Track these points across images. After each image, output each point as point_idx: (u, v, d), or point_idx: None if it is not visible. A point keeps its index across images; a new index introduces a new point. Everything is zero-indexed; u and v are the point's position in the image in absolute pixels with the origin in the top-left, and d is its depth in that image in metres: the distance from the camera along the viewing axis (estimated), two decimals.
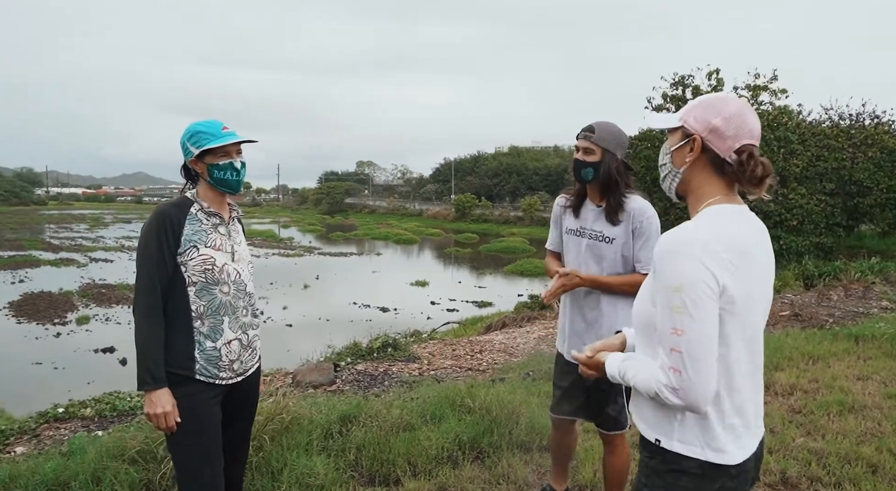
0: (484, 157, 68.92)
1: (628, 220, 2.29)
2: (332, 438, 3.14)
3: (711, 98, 1.35)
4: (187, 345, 1.90)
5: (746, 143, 1.31)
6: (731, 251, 1.22)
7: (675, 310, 1.20)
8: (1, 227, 36.54)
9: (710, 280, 1.19)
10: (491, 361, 5.54)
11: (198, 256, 1.89)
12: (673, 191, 1.42)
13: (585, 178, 2.29)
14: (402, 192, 76.12)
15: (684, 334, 1.19)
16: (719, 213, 1.30)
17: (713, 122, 1.31)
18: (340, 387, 4.71)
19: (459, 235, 38.84)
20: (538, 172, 58.18)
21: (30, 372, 9.23)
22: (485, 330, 8.69)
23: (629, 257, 2.30)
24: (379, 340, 5.73)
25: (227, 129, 1.98)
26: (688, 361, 1.19)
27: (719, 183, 1.33)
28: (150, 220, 1.90)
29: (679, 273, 1.21)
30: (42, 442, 3.54)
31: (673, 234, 1.26)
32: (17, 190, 71.80)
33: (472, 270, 24.16)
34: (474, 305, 15.55)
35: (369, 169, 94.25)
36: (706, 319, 1.19)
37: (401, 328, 10.62)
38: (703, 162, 1.33)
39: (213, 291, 1.92)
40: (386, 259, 27.33)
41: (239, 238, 2.08)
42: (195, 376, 1.90)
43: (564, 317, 2.46)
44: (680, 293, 1.20)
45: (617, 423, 2.37)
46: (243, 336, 2.01)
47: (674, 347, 1.21)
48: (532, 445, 3.27)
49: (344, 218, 55.67)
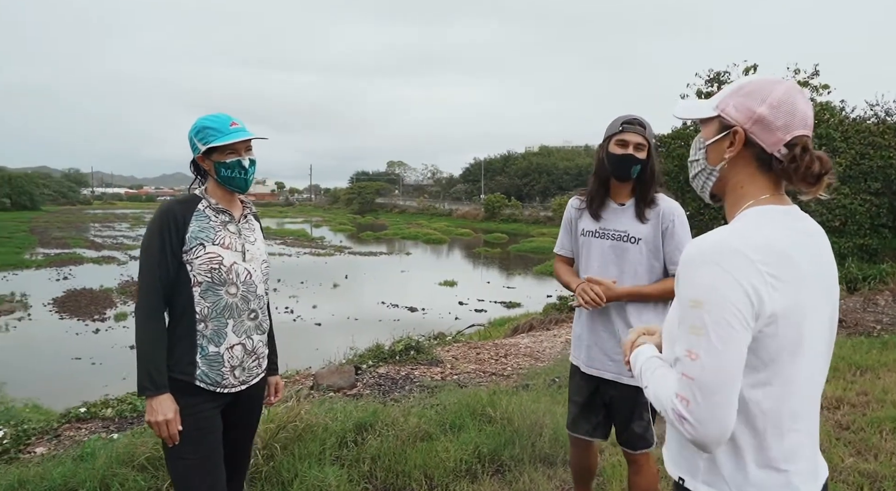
0: (514, 156, 68.47)
1: (657, 220, 2.14)
2: (347, 447, 3.04)
3: (754, 81, 1.13)
4: (190, 348, 1.81)
5: (799, 134, 1.08)
6: (772, 261, 1.01)
7: (692, 329, 1.02)
8: (49, 225, 37.96)
9: (741, 298, 0.99)
10: (516, 366, 5.37)
11: (204, 254, 1.80)
12: (707, 191, 1.21)
13: (632, 175, 2.14)
14: (432, 191, 76.21)
15: (699, 359, 1.00)
16: (761, 216, 1.09)
17: (758, 111, 1.09)
18: (361, 390, 4.61)
19: (489, 235, 38.60)
20: (569, 172, 57.43)
21: (69, 367, 9.49)
22: (511, 332, 8.51)
23: (655, 260, 2.14)
24: (401, 342, 5.62)
25: (235, 124, 1.87)
26: (698, 391, 1.00)
27: (764, 181, 1.12)
28: (154, 217, 1.82)
29: (700, 286, 1.01)
30: (62, 442, 3.55)
31: (700, 240, 1.07)
32: (65, 190, 74.73)
33: (501, 271, 23.94)
34: (502, 306, 15.36)
35: (400, 169, 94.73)
36: (729, 345, 0.99)
37: (428, 328, 10.53)
38: (746, 158, 1.12)
39: (219, 292, 1.82)
40: (415, 259, 27.33)
41: (253, 236, 1.97)
42: (195, 382, 1.81)
43: (581, 326, 2.28)
44: (699, 310, 1.01)
45: (643, 440, 2.19)
46: (247, 341, 1.90)
47: (685, 372, 1.02)
48: (556, 459, 3.11)
49: (374, 218, 56.01)
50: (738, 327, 0.99)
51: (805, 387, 1.08)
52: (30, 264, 21.12)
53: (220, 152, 1.84)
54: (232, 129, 1.85)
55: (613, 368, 2.16)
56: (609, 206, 2.22)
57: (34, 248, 26.15)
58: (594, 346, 2.20)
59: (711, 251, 1.03)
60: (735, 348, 0.99)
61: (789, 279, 1.02)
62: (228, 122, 1.86)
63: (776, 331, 1.02)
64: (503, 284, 19.60)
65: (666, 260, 2.15)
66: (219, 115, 1.88)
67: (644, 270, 2.14)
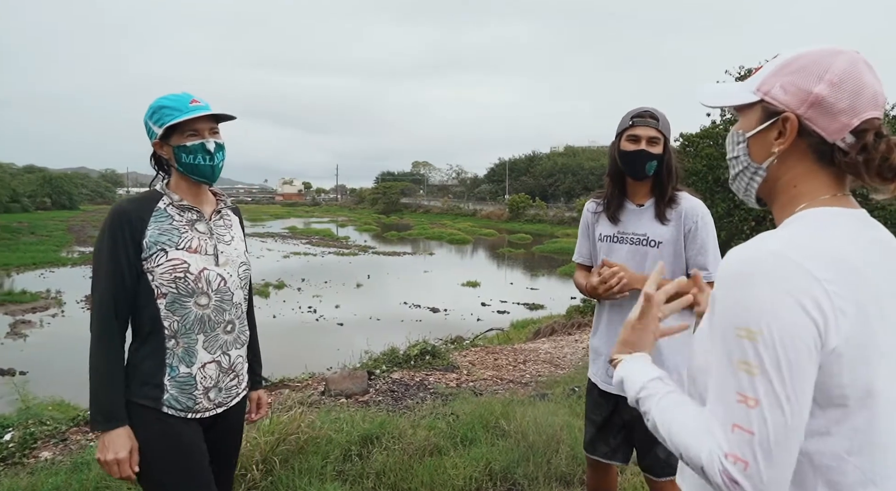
0: (539, 157, 67.94)
1: (679, 221, 1.94)
2: (351, 461, 2.89)
3: (807, 53, 0.89)
4: (157, 369, 1.55)
5: (869, 116, 0.85)
6: (839, 279, 0.79)
7: (744, 366, 0.78)
8: (86, 224, 39.03)
9: (807, 326, 0.77)
10: (535, 373, 5.17)
11: (166, 261, 1.54)
12: (753, 194, 0.98)
13: (648, 172, 1.95)
14: (457, 192, 76.11)
15: (758, 408, 0.77)
16: (822, 220, 0.87)
17: (815, 91, 0.86)
18: (373, 397, 4.48)
19: (513, 236, 38.30)
20: (594, 172, 56.61)
21: None
22: (533, 336, 8.30)
23: (677, 265, 1.95)
24: (417, 346, 5.47)
25: (196, 102, 1.60)
26: (759, 450, 0.76)
27: (825, 177, 0.90)
28: (105, 222, 1.55)
29: (752, 311, 0.79)
30: (68, 447, 3.49)
31: (745, 251, 0.84)
32: (102, 190, 77.00)
33: (525, 272, 23.67)
34: (525, 307, 15.15)
35: (424, 169, 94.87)
36: (798, 389, 0.77)
37: (449, 329, 10.40)
38: (801, 150, 0.90)
39: (187, 304, 1.56)
40: (438, 259, 27.22)
41: (228, 235, 1.70)
42: (161, 409, 1.54)
43: (599, 338, 2.09)
44: (754, 341, 0.78)
45: (667, 467, 1.98)
46: (223, 357, 1.64)
47: (739, 424, 0.78)
48: (573, 479, 2.91)
49: (399, 217, 56.16)
50: (806, 365, 0.77)
51: (881, 439, 0.83)
52: (66, 262, 21.70)
53: (180, 134, 1.58)
54: (192, 107, 1.58)
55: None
56: (627, 208, 2.04)
57: (71, 246, 26.89)
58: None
59: (763, 265, 0.80)
60: (803, 392, 0.77)
61: (861, 302, 0.80)
62: (188, 99, 1.60)
63: (840, 369, 0.79)
64: (526, 286, 19.35)
65: (688, 264, 1.96)
66: (178, 93, 1.62)
67: (668, 276, 1.95)
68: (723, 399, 0.81)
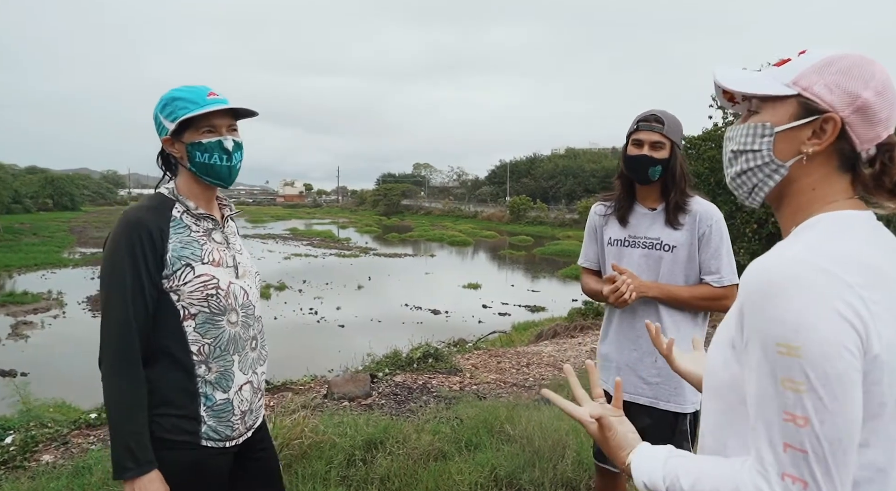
0: (540, 158, 67.98)
1: (692, 225, 1.92)
2: (355, 466, 2.86)
3: (848, 56, 0.87)
4: (190, 401, 1.39)
5: (893, 131, 0.86)
6: (871, 284, 0.77)
7: (788, 384, 0.75)
8: (88, 225, 39.07)
9: (850, 336, 0.74)
10: (538, 377, 5.14)
11: (194, 277, 1.37)
12: (763, 193, 0.93)
13: (652, 177, 1.92)
14: (458, 193, 76.10)
15: (810, 425, 0.74)
16: (841, 224, 0.84)
17: (863, 96, 0.84)
18: (376, 400, 4.45)
19: (514, 238, 38.27)
20: (595, 174, 56.63)
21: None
22: (535, 338, 8.26)
23: (691, 270, 1.93)
24: (420, 349, 5.45)
25: (214, 94, 1.43)
26: (817, 466, 0.74)
27: (842, 183, 0.88)
28: (118, 233, 1.35)
29: (790, 322, 0.75)
30: (69, 450, 3.47)
31: (770, 260, 0.80)
32: (103, 191, 76.97)
33: (526, 273, 23.64)
34: (527, 310, 15.11)
35: (426, 171, 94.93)
36: (849, 401, 0.74)
37: (451, 331, 10.37)
38: (828, 154, 0.87)
39: (220, 323, 1.41)
40: (439, 261, 27.19)
41: (238, 244, 1.56)
42: (201, 443, 1.40)
43: (609, 344, 2.05)
44: (797, 358, 0.74)
45: None
46: (254, 377, 1.52)
47: (791, 444, 0.75)
48: (579, 484, 2.88)
49: (400, 219, 56.17)
50: (851, 374, 0.74)
51: None
52: (67, 263, 21.70)
53: (195, 130, 1.40)
54: (210, 99, 1.41)
55: (648, 392, 1.94)
56: (637, 212, 2.01)
57: (72, 247, 26.90)
58: (625, 367, 1.98)
59: (793, 275, 0.77)
60: (854, 402, 0.75)
61: (893, 307, 0.77)
62: (206, 91, 1.43)
63: (881, 377, 0.76)
64: (528, 288, 19.32)
65: (701, 268, 1.93)
66: (194, 85, 1.46)
67: (681, 280, 1.93)
68: (768, 419, 0.77)
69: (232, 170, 1.47)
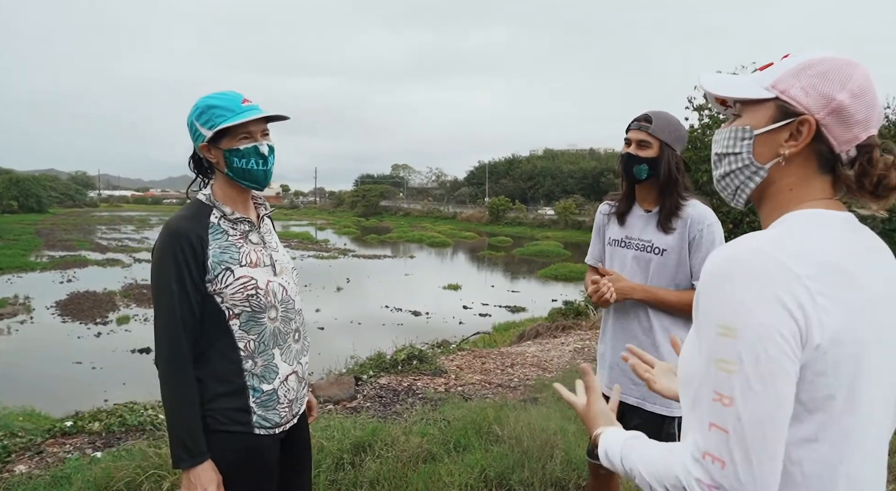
0: (518, 159, 68.48)
1: (684, 229, 1.91)
2: (343, 469, 2.83)
3: (827, 59, 0.87)
4: (240, 393, 1.49)
5: (874, 133, 0.86)
6: (823, 276, 0.78)
7: (721, 364, 0.77)
8: (55, 227, 37.99)
9: (785, 321, 0.76)
10: (523, 377, 5.16)
11: (234, 280, 1.47)
12: (745, 195, 0.95)
13: (638, 176, 1.92)
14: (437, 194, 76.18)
15: (733, 405, 0.76)
16: (810, 220, 0.86)
17: (838, 99, 0.84)
18: (361, 403, 4.41)
19: (493, 238, 38.43)
20: (573, 175, 57.30)
21: (70, 371, 9.36)
22: (517, 339, 8.29)
23: (680, 274, 1.93)
24: (404, 351, 5.42)
25: (248, 101, 1.51)
26: (736, 446, 0.75)
27: (821, 184, 0.89)
28: (162, 243, 1.45)
29: (731, 306, 0.78)
30: (44, 459, 3.35)
31: (727, 249, 0.83)
32: (72, 192, 74.97)
33: (506, 274, 23.73)
34: (507, 310, 15.16)
35: (404, 172, 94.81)
36: (773, 384, 0.75)
37: (432, 333, 10.35)
38: (806, 156, 0.88)
39: (262, 320, 1.51)
40: (419, 262, 27.15)
41: (274, 242, 1.65)
42: (254, 431, 1.51)
43: (604, 343, 2.07)
44: (733, 340, 0.77)
45: None
46: (298, 367, 1.62)
47: (715, 423, 0.77)
48: (569, 483, 2.89)
49: (379, 220, 55.95)
50: (783, 360, 0.75)
51: (866, 446, 0.83)
52: (34, 266, 21.06)
53: (232, 137, 1.48)
54: (245, 107, 1.49)
55: (636, 392, 1.95)
56: (635, 213, 2.02)
57: (40, 250, 26.12)
58: (616, 366, 1.99)
59: (744, 262, 0.80)
60: (782, 387, 0.76)
61: (845, 301, 0.79)
62: (239, 98, 1.50)
63: (825, 368, 0.78)
64: (508, 288, 19.39)
65: (692, 273, 1.93)
66: (226, 91, 1.52)
67: (669, 284, 1.93)
68: (701, 399, 0.80)
69: (267, 173, 1.55)
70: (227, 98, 1.49)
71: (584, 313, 9.15)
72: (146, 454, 2.66)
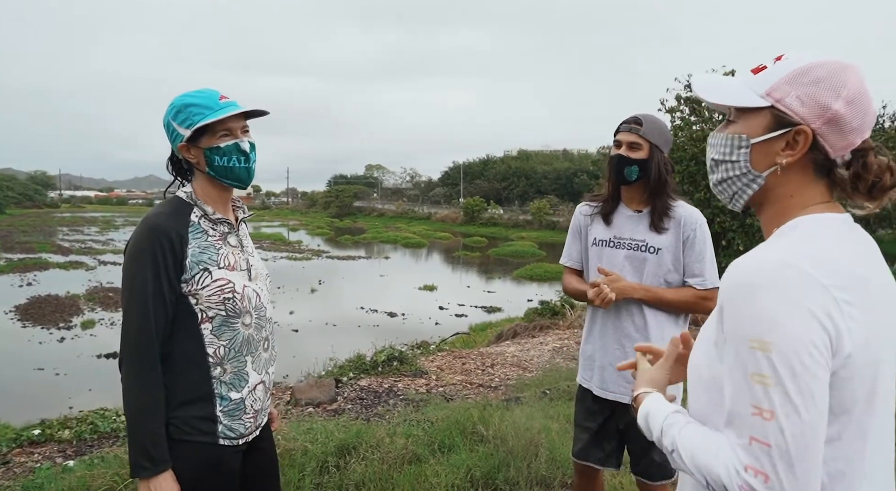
0: (493, 160, 68.82)
1: (677, 229, 1.96)
2: (329, 472, 2.79)
3: (821, 64, 0.87)
4: (206, 402, 1.43)
5: (868, 136, 0.88)
6: (846, 285, 0.80)
7: (757, 378, 0.78)
8: (13, 229, 36.57)
9: (818, 334, 0.77)
10: (503, 377, 5.17)
11: (212, 282, 1.42)
12: (742, 201, 0.97)
13: (629, 177, 1.95)
14: (411, 195, 76.02)
15: (774, 419, 0.76)
16: (820, 227, 0.87)
17: (833, 108, 0.85)
18: (342, 405, 4.36)
19: (468, 239, 38.52)
20: (547, 176, 57.84)
21: (32, 378, 9.01)
22: (495, 339, 8.32)
23: (673, 272, 1.97)
24: (384, 352, 5.38)
25: (225, 98, 1.46)
26: (780, 461, 0.76)
27: (819, 188, 0.91)
28: (140, 238, 1.38)
29: (763, 319, 0.79)
30: (11, 470, 3.22)
31: (749, 261, 0.84)
32: (31, 193, 72.33)
33: (481, 275, 23.80)
34: (483, 311, 15.19)
35: (378, 172, 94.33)
36: (815, 397, 0.77)
37: (408, 334, 10.29)
38: (803, 163, 0.89)
39: (235, 326, 1.46)
40: (394, 263, 27.02)
41: (250, 247, 1.60)
42: (219, 442, 1.44)
43: (593, 344, 2.06)
44: (767, 352, 0.77)
45: (662, 471, 1.99)
46: (266, 377, 1.57)
47: (757, 437, 0.77)
48: (553, 482, 2.90)
49: (352, 221, 55.50)
50: (819, 373, 0.77)
51: (880, 442, 0.86)
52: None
53: (211, 135, 1.44)
54: (223, 103, 1.44)
55: (629, 390, 1.96)
56: (622, 213, 2.04)
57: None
58: (609, 367, 2.00)
59: (770, 275, 0.80)
60: (820, 400, 0.77)
61: (867, 307, 0.81)
62: (216, 95, 1.46)
63: (852, 373, 0.80)
64: (483, 289, 19.43)
65: (685, 271, 1.97)
66: (202, 89, 1.47)
67: (663, 282, 1.97)
68: (739, 413, 0.81)
69: (250, 171, 1.51)
70: (204, 95, 1.45)
71: (561, 313, 9.24)
72: (123, 461, 2.57)
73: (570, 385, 4.57)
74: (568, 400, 4.18)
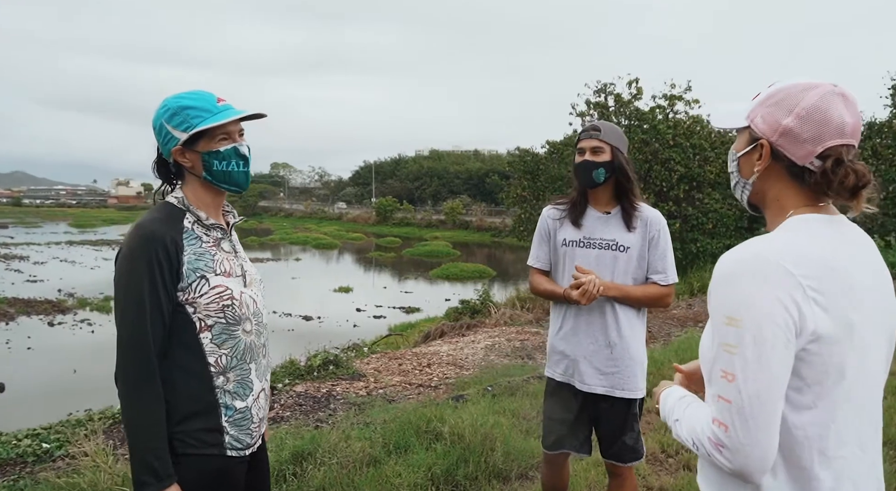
0: (405, 160, 68.83)
1: (644, 228, 2.10)
2: (286, 480, 2.68)
3: (785, 88, 1.04)
4: (210, 413, 1.38)
5: (833, 144, 1.00)
6: (814, 274, 0.96)
7: (727, 348, 0.96)
8: None
9: (781, 314, 0.93)
10: (442, 376, 5.21)
11: (209, 289, 1.37)
12: (744, 201, 1.17)
13: (597, 180, 2.06)
14: (320, 195, 74.20)
15: (735, 381, 0.94)
16: (802, 225, 1.03)
17: (783, 123, 1.02)
18: (280, 412, 4.19)
19: (381, 239, 38.27)
20: (459, 176, 58.76)
21: None
22: (423, 339, 8.35)
23: (639, 269, 2.11)
24: (318, 357, 5.23)
25: (223, 101, 1.44)
26: (736, 415, 0.94)
27: (802, 192, 1.06)
28: (133, 246, 1.33)
29: (737, 300, 0.96)
30: None
31: (734, 253, 1.01)
32: None
33: (397, 275, 23.75)
34: (402, 311, 15.18)
35: (285, 171, 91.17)
36: (770, 365, 0.93)
37: (326, 337, 10.04)
38: (777, 170, 1.07)
39: (236, 333, 1.41)
40: (305, 265, 26.26)
41: (243, 252, 1.57)
42: (227, 453, 1.40)
43: (564, 340, 2.13)
44: (736, 327, 0.95)
45: (633, 452, 2.12)
46: (265, 384, 1.53)
47: (721, 395, 0.97)
48: (511, 474, 2.98)
49: (258, 222, 53.21)
50: (777, 344, 0.93)
51: (855, 411, 1.01)
52: None
53: (210, 139, 1.40)
54: (222, 107, 1.42)
55: (605, 381, 2.07)
56: (591, 215, 2.14)
57: None
58: (583, 360, 2.09)
59: (747, 264, 0.97)
60: (776, 367, 0.93)
61: (835, 294, 0.96)
62: (214, 98, 1.43)
63: (820, 350, 0.95)
64: (400, 289, 19.41)
65: (649, 268, 2.11)
66: (196, 91, 1.44)
67: (630, 279, 2.09)
68: (713, 376, 0.99)
69: (248, 175, 1.49)
70: (201, 98, 1.41)
71: (482, 312, 9.44)
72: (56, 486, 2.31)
73: (510, 381, 4.71)
74: (510, 395, 4.30)
